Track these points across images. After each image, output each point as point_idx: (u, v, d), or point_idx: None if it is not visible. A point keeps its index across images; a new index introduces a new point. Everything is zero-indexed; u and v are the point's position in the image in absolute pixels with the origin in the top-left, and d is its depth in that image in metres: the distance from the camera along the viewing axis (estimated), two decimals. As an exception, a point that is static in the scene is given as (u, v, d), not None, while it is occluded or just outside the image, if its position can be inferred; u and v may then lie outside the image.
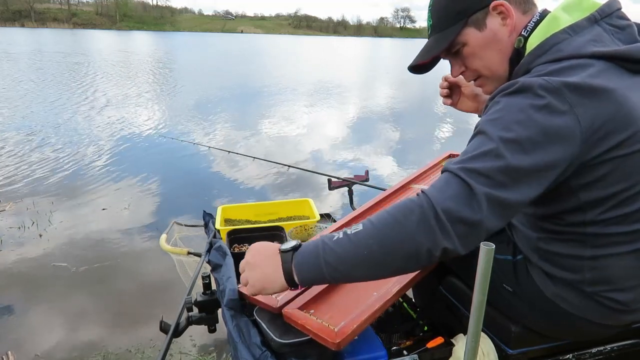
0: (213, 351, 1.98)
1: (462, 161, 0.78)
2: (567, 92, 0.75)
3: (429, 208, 0.75)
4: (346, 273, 0.81)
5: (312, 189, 4.13)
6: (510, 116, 0.77)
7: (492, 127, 0.78)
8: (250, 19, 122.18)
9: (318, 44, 50.38)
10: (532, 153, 0.75)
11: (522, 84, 0.79)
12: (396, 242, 0.77)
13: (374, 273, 0.81)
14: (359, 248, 0.78)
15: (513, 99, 0.79)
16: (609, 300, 0.91)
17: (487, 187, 0.74)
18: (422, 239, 0.75)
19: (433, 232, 0.74)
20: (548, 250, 0.95)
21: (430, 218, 0.74)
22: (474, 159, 0.77)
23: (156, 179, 4.34)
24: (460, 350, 1.08)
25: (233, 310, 1.10)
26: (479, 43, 0.93)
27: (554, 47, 0.84)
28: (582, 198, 0.84)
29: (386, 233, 0.77)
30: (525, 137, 0.75)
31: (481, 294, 0.70)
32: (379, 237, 0.78)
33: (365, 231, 0.79)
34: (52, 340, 2.07)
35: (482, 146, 0.77)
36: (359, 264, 0.79)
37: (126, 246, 3.02)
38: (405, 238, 0.76)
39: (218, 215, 2.01)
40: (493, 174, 0.75)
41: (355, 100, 10.18)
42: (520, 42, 0.89)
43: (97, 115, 7.18)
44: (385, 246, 0.77)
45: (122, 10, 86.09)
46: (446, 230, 0.74)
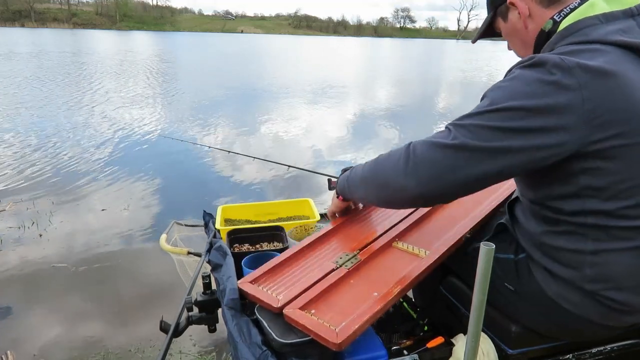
0: (213, 351, 1.98)
1: (457, 118, 0.86)
2: (579, 72, 0.77)
3: (406, 148, 0.88)
4: (355, 188, 1.07)
5: (312, 189, 4.13)
6: (517, 86, 0.81)
7: (497, 92, 0.83)
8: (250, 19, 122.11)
9: (318, 44, 50.37)
10: (524, 119, 0.78)
11: (538, 59, 0.81)
12: (378, 171, 0.95)
13: (365, 194, 1.04)
14: (362, 171, 1.02)
15: (525, 72, 0.82)
16: (608, 299, 0.91)
17: (464, 136, 0.80)
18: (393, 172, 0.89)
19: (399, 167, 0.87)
20: (551, 245, 0.95)
21: (403, 155, 0.87)
22: (467, 117, 0.84)
23: (156, 179, 4.34)
24: (460, 350, 1.08)
25: (233, 309, 1.10)
26: (505, 32, 1.05)
27: (580, 31, 0.86)
28: (582, 182, 0.84)
29: (377, 163, 0.97)
30: (522, 107, 0.78)
31: (481, 294, 0.70)
32: (373, 165, 0.98)
33: (372, 161, 1.00)
34: (52, 340, 2.07)
35: (479, 108, 0.83)
36: (359, 183, 1.04)
37: (126, 246, 3.01)
38: (383, 169, 0.93)
39: (218, 215, 2.01)
40: (476, 129, 0.80)
41: (355, 100, 10.18)
42: (549, 25, 0.92)
43: (98, 115, 7.17)
44: (373, 173, 0.97)
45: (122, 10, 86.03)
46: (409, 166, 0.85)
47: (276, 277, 1.11)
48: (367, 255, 1.16)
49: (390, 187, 0.90)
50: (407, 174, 0.84)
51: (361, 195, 1.06)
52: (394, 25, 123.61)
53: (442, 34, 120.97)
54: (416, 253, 1.15)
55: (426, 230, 1.27)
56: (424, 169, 0.83)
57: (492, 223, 1.15)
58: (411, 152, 0.85)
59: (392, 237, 1.23)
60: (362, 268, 1.13)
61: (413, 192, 0.84)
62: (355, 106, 9.20)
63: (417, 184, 0.83)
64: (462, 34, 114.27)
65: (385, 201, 0.98)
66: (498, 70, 18.99)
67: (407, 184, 0.85)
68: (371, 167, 0.98)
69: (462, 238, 1.14)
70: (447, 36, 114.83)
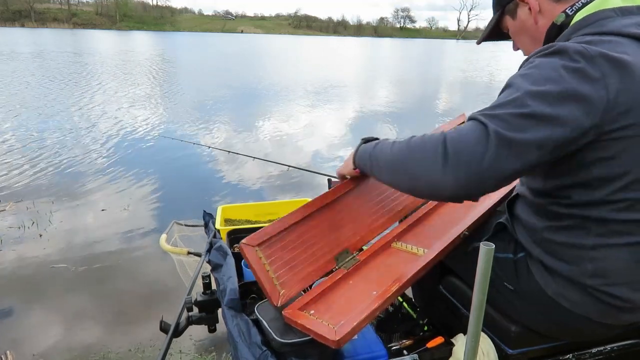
0: (213, 351, 1.98)
1: (486, 109, 0.82)
2: (602, 62, 0.78)
3: (442, 142, 0.80)
4: (378, 169, 0.99)
5: (312, 189, 4.13)
6: (542, 73, 0.80)
7: (522, 80, 0.82)
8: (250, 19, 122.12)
9: (318, 43, 50.40)
10: (555, 105, 0.77)
11: (559, 47, 0.81)
12: (410, 160, 0.87)
13: (392, 180, 0.96)
14: (390, 154, 0.94)
15: (548, 59, 0.82)
16: (608, 295, 0.91)
17: (501, 128, 0.77)
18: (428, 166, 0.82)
19: (436, 162, 0.80)
20: (551, 240, 0.95)
21: (439, 149, 0.80)
22: (497, 107, 0.80)
23: (156, 179, 4.34)
24: (460, 350, 1.08)
25: (233, 309, 1.10)
26: (514, 30, 1.05)
27: (597, 22, 0.87)
28: (594, 173, 0.85)
29: (409, 150, 0.88)
30: (552, 92, 0.77)
31: (481, 294, 0.70)
32: (405, 151, 0.89)
33: (401, 144, 0.91)
34: (52, 340, 2.07)
35: (507, 96, 0.81)
36: (386, 166, 0.96)
37: (126, 246, 3.01)
38: (417, 160, 0.85)
39: (218, 215, 2.01)
40: (511, 118, 0.78)
41: (355, 100, 10.18)
42: (561, 18, 0.92)
43: (98, 115, 7.17)
44: (404, 161, 0.89)
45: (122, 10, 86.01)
46: (448, 163, 0.79)
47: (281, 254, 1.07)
48: (366, 255, 1.16)
49: (423, 181, 0.84)
50: (445, 171, 0.79)
51: (385, 179, 0.98)
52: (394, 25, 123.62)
53: (442, 34, 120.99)
54: (415, 252, 1.15)
55: (425, 229, 1.27)
56: (464, 167, 0.77)
57: (491, 222, 1.15)
58: (449, 147, 0.79)
59: (391, 238, 1.23)
60: (361, 268, 1.13)
61: (450, 190, 0.80)
62: (355, 106, 9.20)
63: (455, 182, 0.79)
64: (462, 34, 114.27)
65: (414, 193, 0.92)
66: (499, 70, 18.99)
67: (444, 181, 0.80)
68: (402, 154, 0.89)
69: (460, 235, 1.14)
70: (447, 36, 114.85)
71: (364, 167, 1.07)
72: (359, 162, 1.09)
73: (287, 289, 1.02)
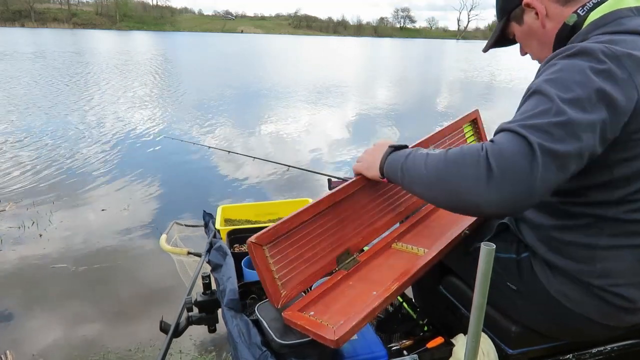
0: (213, 351, 1.98)
1: (520, 120, 0.78)
2: (628, 61, 0.78)
3: (485, 157, 0.76)
4: (410, 183, 0.94)
5: (312, 189, 4.13)
6: (570, 76, 0.78)
7: (550, 86, 0.79)
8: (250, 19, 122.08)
9: (318, 43, 50.39)
10: (590, 111, 0.76)
11: (582, 48, 0.80)
12: (449, 176, 0.82)
13: (427, 195, 0.90)
14: (425, 168, 0.88)
15: (572, 61, 0.80)
16: (615, 296, 0.91)
17: (544, 140, 0.74)
18: (470, 184, 0.77)
19: (480, 180, 0.76)
20: (560, 239, 0.95)
21: (482, 166, 0.76)
22: (533, 117, 0.77)
23: (156, 179, 4.34)
24: (460, 350, 1.08)
25: (233, 310, 1.10)
26: (520, 35, 1.05)
27: (617, 20, 0.87)
28: (616, 173, 0.85)
29: (447, 165, 0.83)
30: (584, 97, 0.76)
31: (481, 294, 0.70)
32: (442, 166, 0.84)
33: (437, 156, 0.87)
34: (52, 340, 2.07)
35: (540, 105, 0.78)
36: (420, 180, 0.90)
37: (126, 246, 3.01)
38: (457, 176, 0.80)
39: (218, 215, 2.01)
40: (551, 129, 0.75)
41: (356, 99, 10.18)
42: (573, 19, 0.92)
43: (98, 115, 7.17)
44: (442, 177, 0.84)
45: (122, 10, 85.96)
46: (493, 181, 0.74)
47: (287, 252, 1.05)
48: (366, 256, 1.16)
49: (463, 196, 0.79)
50: (489, 187, 0.75)
51: (419, 192, 0.92)
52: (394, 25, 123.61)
53: (442, 34, 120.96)
54: (415, 252, 1.15)
55: (425, 230, 1.27)
56: (511, 183, 0.73)
57: (492, 223, 1.15)
58: (493, 164, 0.74)
59: (391, 238, 1.23)
60: (361, 269, 1.12)
61: (495, 207, 0.76)
62: (356, 106, 9.20)
63: (500, 198, 0.75)
64: (462, 34, 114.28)
65: (452, 208, 0.87)
66: (500, 70, 18.99)
67: (488, 198, 0.76)
68: (439, 169, 0.84)
69: (461, 234, 1.14)
70: (447, 36, 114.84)
71: (394, 178, 1.00)
72: (389, 172, 1.01)
73: (288, 290, 1.02)
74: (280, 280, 1.01)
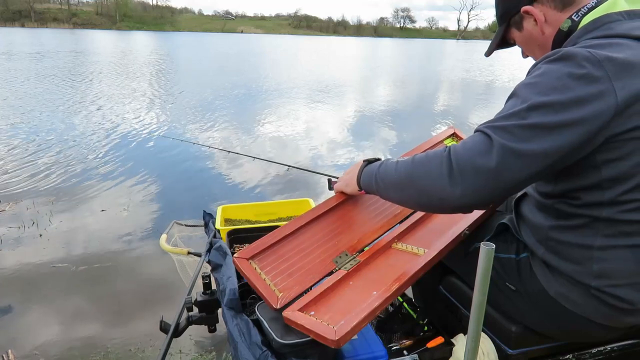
0: (213, 351, 1.98)
1: (491, 120, 0.84)
2: (609, 65, 0.78)
3: (447, 156, 0.84)
4: (385, 189, 1.01)
5: (312, 189, 4.13)
6: (547, 82, 0.81)
7: (527, 90, 0.83)
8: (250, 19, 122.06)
9: (318, 43, 50.39)
10: (560, 114, 0.78)
11: (565, 53, 0.82)
12: (416, 177, 0.90)
13: (400, 197, 0.98)
14: (395, 173, 0.96)
15: (553, 66, 0.82)
16: (613, 297, 0.91)
17: (507, 140, 0.79)
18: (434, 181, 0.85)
19: (442, 176, 0.84)
20: (557, 239, 0.95)
21: (444, 163, 0.84)
22: (502, 119, 0.82)
23: (156, 179, 4.34)
24: (460, 350, 1.08)
25: (233, 310, 1.11)
26: (520, 41, 1.07)
27: (606, 25, 0.88)
28: (604, 174, 0.85)
29: (414, 167, 0.91)
30: (557, 101, 0.78)
31: (481, 294, 0.70)
32: (409, 169, 0.92)
33: (406, 162, 0.95)
34: (53, 339, 2.07)
35: (512, 107, 0.83)
36: (392, 185, 0.98)
37: (126, 246, 3.01)
38: (423, 175, 0.89)
39: (218, 215, 2.01)
40: (516, 130, 0.79)
41: (355, 100, 10.18)
42: (567, 24, 0.94)
43: (98, 115, 7.17)
44: (410, 178, 0.92)
45: (122, 10, 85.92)
46: (453, 176, 0.82)
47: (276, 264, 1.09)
48: (366, 256, 1.16)
49: (431, 195, 0.87)
50: (451, 183, 0.82)
51: (392, 197, 1.01)
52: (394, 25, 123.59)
53: (442, 34, 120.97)
54: (415, 252, 1.15)
55: (426, 230, 1.27)
56: (470, 178, 0.81)
57: (492, 223, 1.15)
58: (453, 160, 0.82)
59: (391, 239, 1.23)
60: (362, 269, 1.13)
61: (457, 201, 0.83)
62: (355, 106, 9.20)
63: (462, 194, 0.82)
64: (462, 34, 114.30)
65: (423, 207, 0.97)
66: (501, 69, 18.99)
67: (451, 193, 0.83)
68: (408, 171, 0.93)
69: (461, 234, 1.14)
70: (447, 36, 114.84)
71: (370, 188, 1.09)
72: (364, 183, 1.10)
73: (286, 292, 1.03)
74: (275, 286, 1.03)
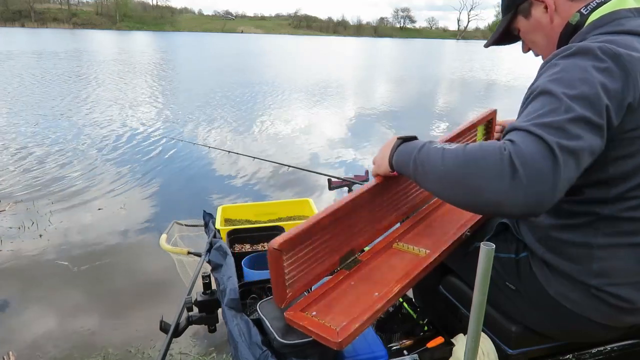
0: (213, 351, 1.98)
1: (531, 119, 0.77)
2: (626, 60, 0.78)
3: (509, 157, 0.74)
4: (423, 176, 0.88)
5: (312, 189, 4.13)
6: (573, 75, 0.79)
7: (556, 85, 0.79)
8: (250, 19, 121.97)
9: (318, 43, 50.37)
10: (597, 107, 0.76)
11: (580, 47, 0.81)
12: (469, 174, 0.78)
13: (441, 191, 0.85)
14: (442, 163, 0.83)
15: (572, 60, 0.81)
16: (613, 296, 0.91)
17: (560, 138, 0.73)
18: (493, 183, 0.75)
19: (503, 178, 0.73)
20: (557, 238, 0.95)
21: (506, 165, 0.73)
22: (544, 116, 0.76)
23: (156, 179, 4.34)
24: (460, 350, 1.08)
25: (233, 309, 1.10)
26: (526, 29, 1.05)
27: (616, 21, 0.88)
28: (612, 171, 0.85)
29: (467, 162, 0.79)
30: (590, 94, 0.76)
31: (481, 294, 0.70)
32: (461, 162, 0.79)
33: (455, 151, 0.82)
34: (53, 340, 2.07)
35: (548, 104, 0.78)
36: (435, 176, 0.85)
37: (126, 246, 3.01)
38: (478, 174, 0.77)
39: (218, 215, 2.01)
40: (565, 126, 0.74)
41: (356, 100, 10.18)
42: (576, 18, 0.93)
43: (98, 115, 7.17)
44: (461, 174, 0.79)
45: (122, 10, 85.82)
46: (518, 179, 0.72)
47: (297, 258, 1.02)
48: (367, 257, 1.16)
49: (485, 196, 0.76)
50: (514, 187, 0.72)
51: (432, 188, 0.88)
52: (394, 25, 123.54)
53: (442, 34, 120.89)
54: (416, 252, 1.15)
55: (426, 230, 1.27)
56: (536, 183, 0.72)
57: (492, 223, 1.15)
58: (517, 163, 0.72)
59: (392, 238, 1.23)
60: (363, 269, 1.12)
61: (517, 207, 0.74)
62: (355, 106, 9.20)
63: (524, 200, 0.73)
64: (462, 33, 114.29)
65: (471, 207, 0.83)
66: (501, 69, 18.99)
67: (511, 199, 0.73)
68: (458, 166, 0.80)
69: (462, 236, 1.14)
70: (447, 36, 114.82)
71: (405, 170, 0.95)
72: (398, 163, 0.97)
73: (294, 291, 1.02)
74: (288, 281, 1.00)
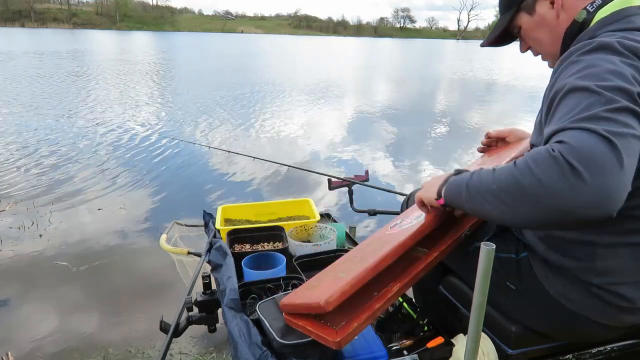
0: (213, 351, 1.98)
1: (573, 116, 0.73)
2: None
3: (560, 156, 0.69)
4: (479, 200, 0.82)
5: (312, 189, 4.13)
6: (601, 68, 0.78)
7: (587, 81, 0.76)
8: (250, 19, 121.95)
9: (318, 43, 50.38)
10: (634, 97, 0.74)
11: (602, 43, 0.81)
12: (526, 185, 0.72)
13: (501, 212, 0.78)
14: (493, 180, 0.78)
15: (596, 55, 0.80)
16: (614, 295, 0.91)
17: (611, 127, 0.69)
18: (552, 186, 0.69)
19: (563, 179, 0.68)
20: (560, 237, 0.95)
21: (561, 164, 0.68)
22: (584, 110, 0.72)
23: (156, 179, 4.34)
24: (460, 350, 1.08)
25: (233, 309, 1.11)
26: (530, 26, 1.03)
27: (626, 18, 0.87)
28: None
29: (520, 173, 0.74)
30: (625, 85, 0.75)
31: (481, 294, 0.70)
32: (514, 175, 0.74)
33: (505, 168, 0.77)
34: (52, 340, 2.07)
35: (584, 100, 0.74)
36: (490, 195, 0.79)
37: (126, 246, 3.01)
38: (533, 182, 0.71)
39: (218, 215, 2.01)
40: (611, 115, 0.71)
41: (356, 100, 10.18)
42: (582, 15, 0.92)
43: (98, 115, 7.17)
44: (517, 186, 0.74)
45: (122, 10, 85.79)
46: (581, 178, 0.67)
47: None
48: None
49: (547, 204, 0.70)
50: (580, 188, 0.67)
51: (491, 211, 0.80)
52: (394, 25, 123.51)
53: (442, 34, 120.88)
54: (416, 252, 1.15)
55: (426, 230, 1.27)
56: (602, 178, 0.66)
57: (492, 223, 1.15)
58: (573, 160, 0.67)
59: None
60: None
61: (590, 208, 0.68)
62: (355, 106, 9.20)
63: (595, 198, 0.67)
64: (462, 34, 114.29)
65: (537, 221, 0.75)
66: (502, 69, 18.99)
67: (581, 200, 0.68)
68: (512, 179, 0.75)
69: (462, 235, 1.14)
70: (447, 36, 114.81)
71: (456, 199, 0.90)
72: (449, 193, 0.91)
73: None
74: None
